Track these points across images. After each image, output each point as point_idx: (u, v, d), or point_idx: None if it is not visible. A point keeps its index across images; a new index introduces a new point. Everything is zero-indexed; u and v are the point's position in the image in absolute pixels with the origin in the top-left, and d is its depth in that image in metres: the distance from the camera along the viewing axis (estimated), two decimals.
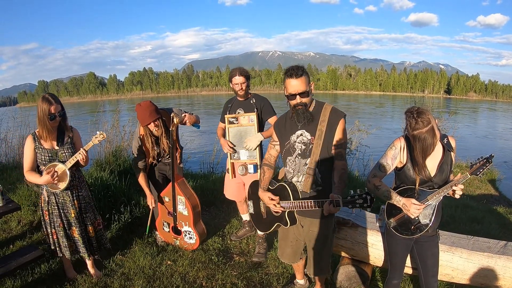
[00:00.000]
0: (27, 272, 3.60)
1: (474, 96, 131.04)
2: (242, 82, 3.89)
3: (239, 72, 3.91)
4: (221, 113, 4.19)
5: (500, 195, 8.19)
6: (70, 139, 3.32)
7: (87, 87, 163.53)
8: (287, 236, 3.10)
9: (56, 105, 3.10)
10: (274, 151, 3.03)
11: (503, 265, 2.84)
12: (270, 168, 3.04)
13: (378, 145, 8.88)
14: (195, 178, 6.64)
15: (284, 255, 3.20)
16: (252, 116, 3.90)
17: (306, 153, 2.74)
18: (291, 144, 2.82)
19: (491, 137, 23.38)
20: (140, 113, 3.66)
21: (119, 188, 5.07)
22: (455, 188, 2.40)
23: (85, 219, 3.46)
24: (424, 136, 2.28)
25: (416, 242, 2.68)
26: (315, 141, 2.69)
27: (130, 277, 3.62)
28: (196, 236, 4.05)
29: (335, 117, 2.70)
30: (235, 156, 4.07)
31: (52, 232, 3.37)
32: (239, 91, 3.93)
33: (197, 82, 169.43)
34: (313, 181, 2.73)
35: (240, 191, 4.22)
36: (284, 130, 2.89)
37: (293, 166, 2.83)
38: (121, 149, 6.93)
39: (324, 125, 2.68)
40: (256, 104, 3.98)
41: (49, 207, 3.31)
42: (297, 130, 2.79)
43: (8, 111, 9.36)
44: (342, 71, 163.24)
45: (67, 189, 3.27)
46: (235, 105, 4.07)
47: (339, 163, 2.67)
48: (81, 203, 3.41)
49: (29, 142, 3.17)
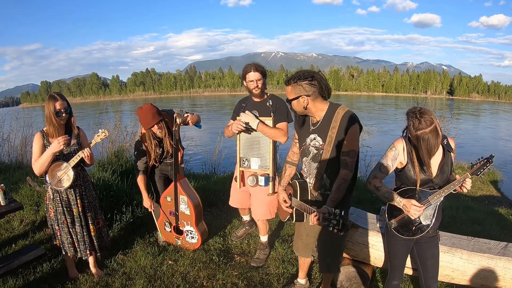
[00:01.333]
0: (29, 271, 3.61)
1: (476, 97, 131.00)
2: (258, 78, 3.50)
3: (255, 68, 3.51)
4: (233, 112, 3.88)
5: (502, 196, 8.15)
6: (77, 139, 3.35)
7: (90, 88, 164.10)
8: (299, 230, 3.14)
9: (62, 101, 3.13)
10: (296, 148, 3.03)
11: (504, 266, 2.83)
12: (291, 165, 3.06)
13: (380, 146, 8.86)
14: (197, 178, 6.66)
15: (296, 247, 3.24)
16: (268, 121, 3.52)
17: (317, 157, 2.75)
18: (306, 146, 2.83)
19: (494, 138, 23.35)
20: (142, 116, 3.65)
21: (121, 188, 5.09)
22: (464, 183, 2.40)
23: (88, 218, 3.48)
24: (427, 136, 2.28)
25: (416, 243, 2.68)
26: (325, 147, 2.68)
27: (131, 277, 3.63)
28: (198, 235, 4.06)
29: (346, 123, 2.63)
30: (245, 164, 3.76)
31: (56, 229, 3.41)
32: (254, 90, 3.54)
33: (199, 83, 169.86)
34: (321, 185, 2.75)
35: (245, 199, 4.02)
36: (300, 131, 2.91)
37: (308, 167, 2.85)
38: (123, 149, 6.96)
39: (335, 132, 2.63)
40: (273, 107, 3.59)
41: (54, 204, 3.34)
42: (310, 133, 2.79)
43: (11, 112, 9.39)
44: (345, 72, 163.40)
45: (70, 188, 3.30)
46: (250, 106, 3.70)
47: (342, 171, 2.65)
48: (84, 202, 3.43)
49: (38, 138, 3.20)
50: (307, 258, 3.28)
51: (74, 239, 3.44)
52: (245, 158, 3.76)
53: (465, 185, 2.41)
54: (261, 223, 3.99)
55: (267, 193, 3.69)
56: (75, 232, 3.43)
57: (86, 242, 3.46)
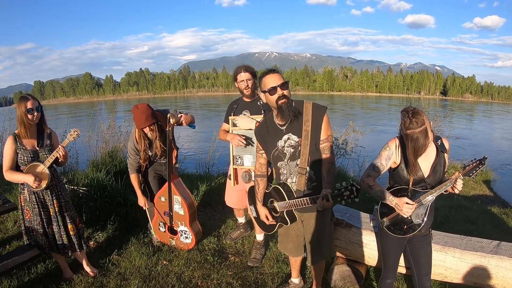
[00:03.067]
0: (23, 272, 3.61)
1: (470, 97, 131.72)
2: (248, 78, 3.70)
3: (245, 69, 3.72)
4: (225, 114, 3.99)
5: (494, 195, 8.23)
6: (50, 140, 3.37)
7: (84, 88, 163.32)
8: (288, 233, 3.13)
9: (33, 101, 3.16)
10: (263, 159, 3.02)
11: (496, 264, 2.86)
12: (263, 178, 3.06)
13: (374, 146, 8.89)
14: (191, 179, 6.66)
15: (287, 249, 3.24)
16: (259, 119, 3.59)
17: (296, 154, 2.75)
18: (280, 150, 2.82)
19: (487, 138, 23.50)
20: (136, 115, 3.67)
21: (115, 188, 5.07)
22: (455, 184, 2.43)
23: (66, 217, 3.48)
24: (416, 136, 2.31)
25: (409, 242, 2.70)
26: (302, 141, 2.69)
27: (126, 277, 3.63)
28: (192, 236, 4.06)
29: (317, 113, 2.68)
30: (238, 162, 3.87)
31: (32, 229, 3.39)
32: (245, 90, 3.72)
33: (193, 83, 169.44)
34: (307, 179, 2.76)
35: (242, 199, 4.06)
36: (268, 137, 2.87)
37: (286, 169, 2.84)
38: (117, 149, 6.93)
39: (309, 125, 2.67)
40: (264, 106, 3.69)
41: (31, 205, 3.33)
42: (282, 135, 2.78)
43: (4, 112, 9.32)
44: (339, 72, 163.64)
45: (47, 188, 3.31)
46: (241, 106, 3.88)
47: (325, 157, 2.72)
48: (60, 201, 3.45)
49: (9, 143, 3.20)
50: (299, 257, 3.30)
51: (49, 239, 3.44)
52: (238, 156, 3.86)
53: (456, 185, 2.44)
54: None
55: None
56: (51, 232, 3.43)
57: (63, 241, 3.46)
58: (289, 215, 2.88)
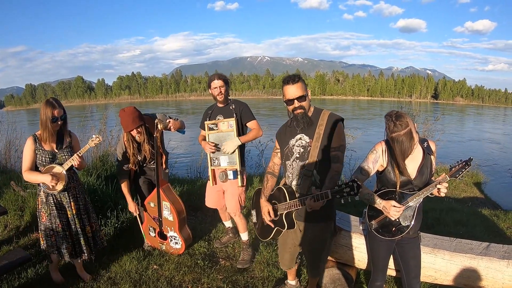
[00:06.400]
0: (13, 277, 3.58)
1: (461, 100, 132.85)
2: (221, 85, 3.87)
3: (218, 76, 3.92)
4: (201, 120, 4.15)
5: (485, 197, 8.29)
6: (69, 143, 3.40)
7: (75, 91, 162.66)
8: (286, 242, 3.13)
9: (59, 109, 3.20)
10: (277, 158, 3.06)
11: (486, 266, 2.89)
12: (273, 176, 3.08)
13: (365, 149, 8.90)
14: (182, 183, 6.63)
15: (283, 261, 3.26)
16: (231, 121, 3.85)
17: (304, 155, 2.78)
18: (289, 148, 2.87)
19: (478, 140, 23.68)
20: (123, 119, 3.68)
21: (106, 192, 5.05)
22: (439, 186, 2.45)
23: (83, 220, 3.49)
24: (401, 138, 2.33)
25: (398, 244, 2.71)
26: (313, 143, 2.73)
27: (117, 281, 3.61)
28: (181, 241, 4.05)
29: (332, 120, 2.75)
30: (215, 163, 4.03)
31: (51, 234, 3.37)
32: (218, 96, 3.89)
33: (185, 87, 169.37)
34: (311, 183, 2.76)
35: (220, 199, 4.21)
36: (284, 137, 2.95)
37: (291, 169, 2.87)
38: (108, 154, 6.90)
39: (322, 128, 2.73)
40: (235, 110, 3.93)
41: (48, 207, 3.33)
42: (296, 134, 2.83)
43: None
44: (330, 76, 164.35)
45: (64, 191, 3.32)
46: (215, 111, 4.05)
47: (334, 165, 2.72)
48: (79, 204, 3.46)
49: (29, 143, 3.24)
50: (295, 266, 3.33)
51: (69, 244, 3.42)
52: (215, 157, 4.03)
53: (440, 190, 2.45)
54: (238, 218, 4.08)
55: (237, 186, 3.93)
56: (70, 234, 3.43)
57: (81, 244, 3.46)
58: (287, 219, 2.86)
